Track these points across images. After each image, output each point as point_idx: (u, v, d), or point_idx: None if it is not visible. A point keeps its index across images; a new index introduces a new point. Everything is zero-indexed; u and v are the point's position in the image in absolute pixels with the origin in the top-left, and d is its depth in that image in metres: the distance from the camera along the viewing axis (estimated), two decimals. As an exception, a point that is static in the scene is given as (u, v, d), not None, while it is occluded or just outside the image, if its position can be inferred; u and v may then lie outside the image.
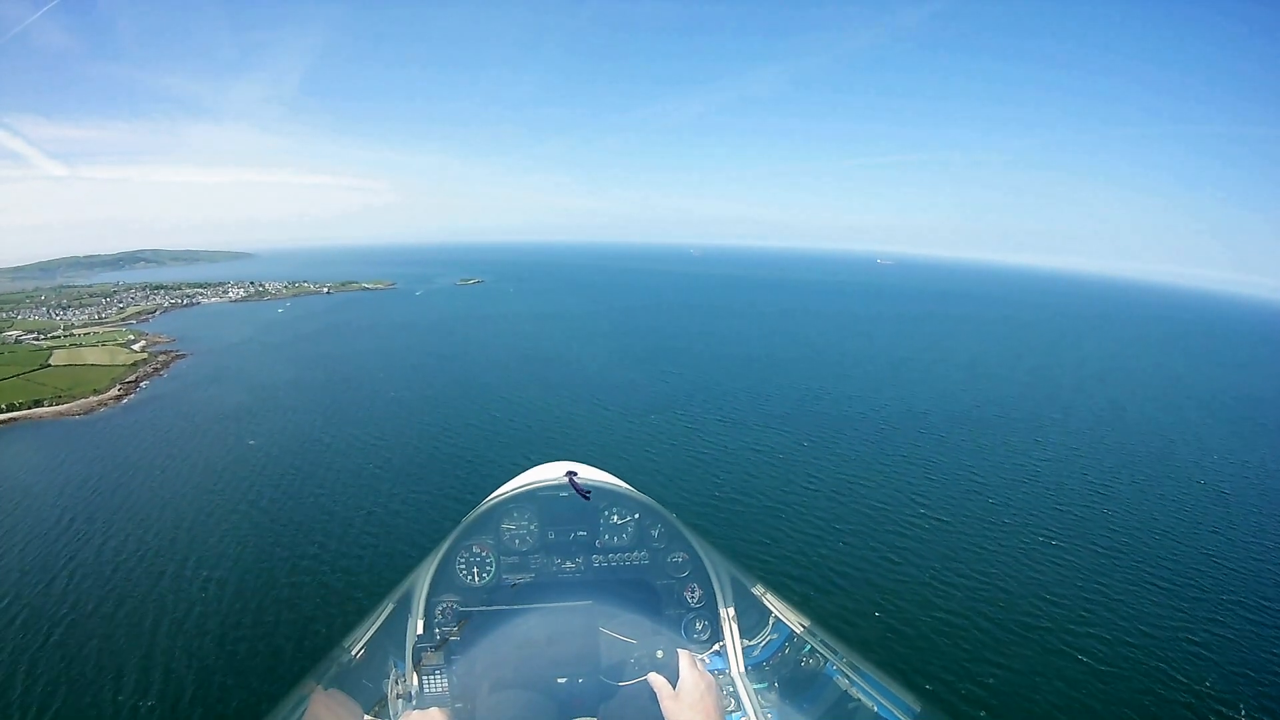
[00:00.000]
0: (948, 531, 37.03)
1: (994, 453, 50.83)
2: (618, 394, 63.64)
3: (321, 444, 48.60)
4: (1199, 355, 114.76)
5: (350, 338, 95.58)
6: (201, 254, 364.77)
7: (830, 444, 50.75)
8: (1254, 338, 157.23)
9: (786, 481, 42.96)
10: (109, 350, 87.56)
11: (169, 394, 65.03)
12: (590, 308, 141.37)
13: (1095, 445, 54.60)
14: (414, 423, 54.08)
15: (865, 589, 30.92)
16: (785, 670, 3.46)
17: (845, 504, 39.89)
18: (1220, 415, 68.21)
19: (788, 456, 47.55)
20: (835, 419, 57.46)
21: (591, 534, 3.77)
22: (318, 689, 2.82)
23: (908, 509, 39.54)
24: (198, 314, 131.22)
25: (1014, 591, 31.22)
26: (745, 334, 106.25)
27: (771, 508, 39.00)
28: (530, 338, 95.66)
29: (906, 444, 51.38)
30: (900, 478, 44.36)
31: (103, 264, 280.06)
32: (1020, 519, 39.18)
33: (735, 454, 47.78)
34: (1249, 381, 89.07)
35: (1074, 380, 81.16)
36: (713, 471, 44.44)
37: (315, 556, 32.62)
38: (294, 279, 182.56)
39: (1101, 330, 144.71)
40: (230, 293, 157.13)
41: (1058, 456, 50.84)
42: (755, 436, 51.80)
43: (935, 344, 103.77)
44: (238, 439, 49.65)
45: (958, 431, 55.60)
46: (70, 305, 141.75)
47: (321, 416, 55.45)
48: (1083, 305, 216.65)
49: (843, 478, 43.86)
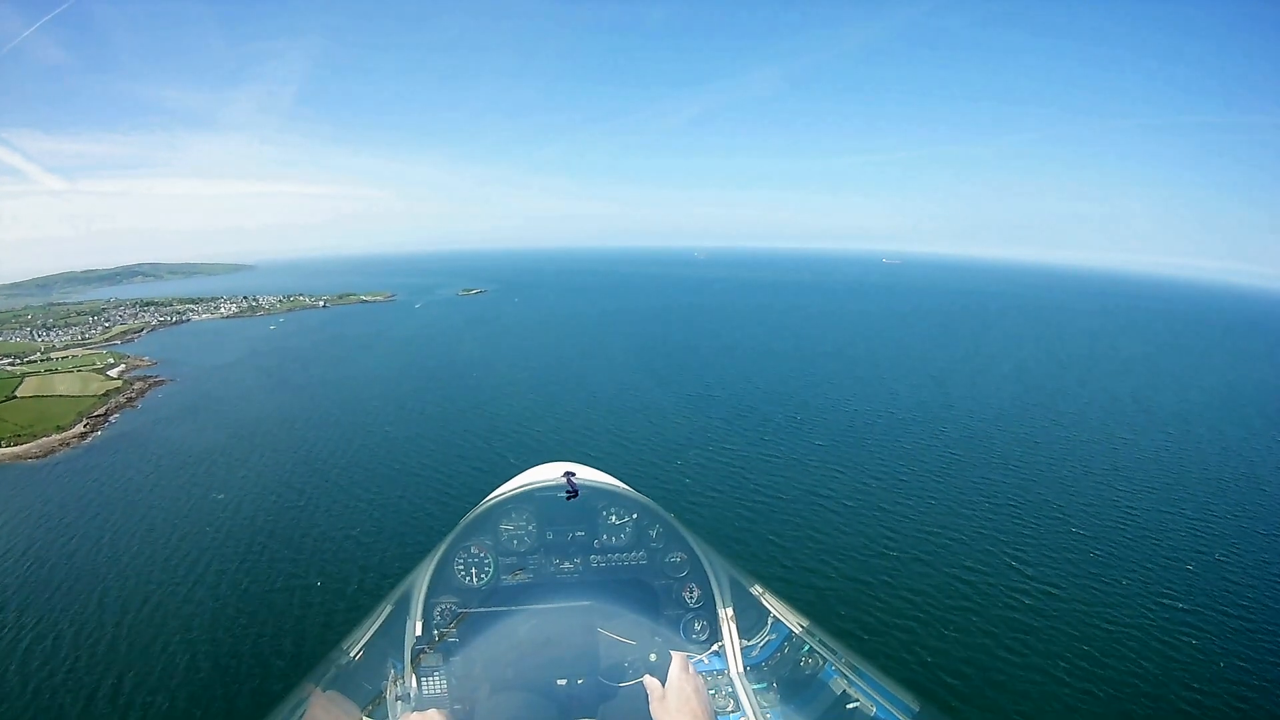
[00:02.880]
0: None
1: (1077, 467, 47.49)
2: (650, 426, 56.31)
3: (300, 498, 41.41)
4: (1252, 357, 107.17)
5: (343, 359, 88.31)
6: (200, 267, 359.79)
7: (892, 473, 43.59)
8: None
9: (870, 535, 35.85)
10: (82, 378, 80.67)
11: (137, 431, 57.99)
12: (599, 318, 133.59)
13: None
14: (409, 466, 46.85)
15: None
16: (784, 670, 3.41)
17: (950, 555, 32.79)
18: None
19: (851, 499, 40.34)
20: (884, 442, 50.29)
21: (590, 534, 3.70)
22: (316, 690, 2.75)
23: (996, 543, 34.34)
24: (186, 333, 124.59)
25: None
26: (774, 346, 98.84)
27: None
28: (540, 357, 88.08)
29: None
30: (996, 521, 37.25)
31: (100, 279, 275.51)
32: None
33: (804, 506, 40.55)
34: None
35: (1118, 390, 74.22)
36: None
37: (283, 674, 25.35)
38: (290, 292, 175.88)
39: (1133, 331, 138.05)
40: (222, 308, 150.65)
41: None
42: (814, 480, 44.51)
43: (971, 351, 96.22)
44: (205, 491, 42.51)
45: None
46: (56, 325, 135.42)
47: (303, 461, 48.23)
48: (1101, 302, 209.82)
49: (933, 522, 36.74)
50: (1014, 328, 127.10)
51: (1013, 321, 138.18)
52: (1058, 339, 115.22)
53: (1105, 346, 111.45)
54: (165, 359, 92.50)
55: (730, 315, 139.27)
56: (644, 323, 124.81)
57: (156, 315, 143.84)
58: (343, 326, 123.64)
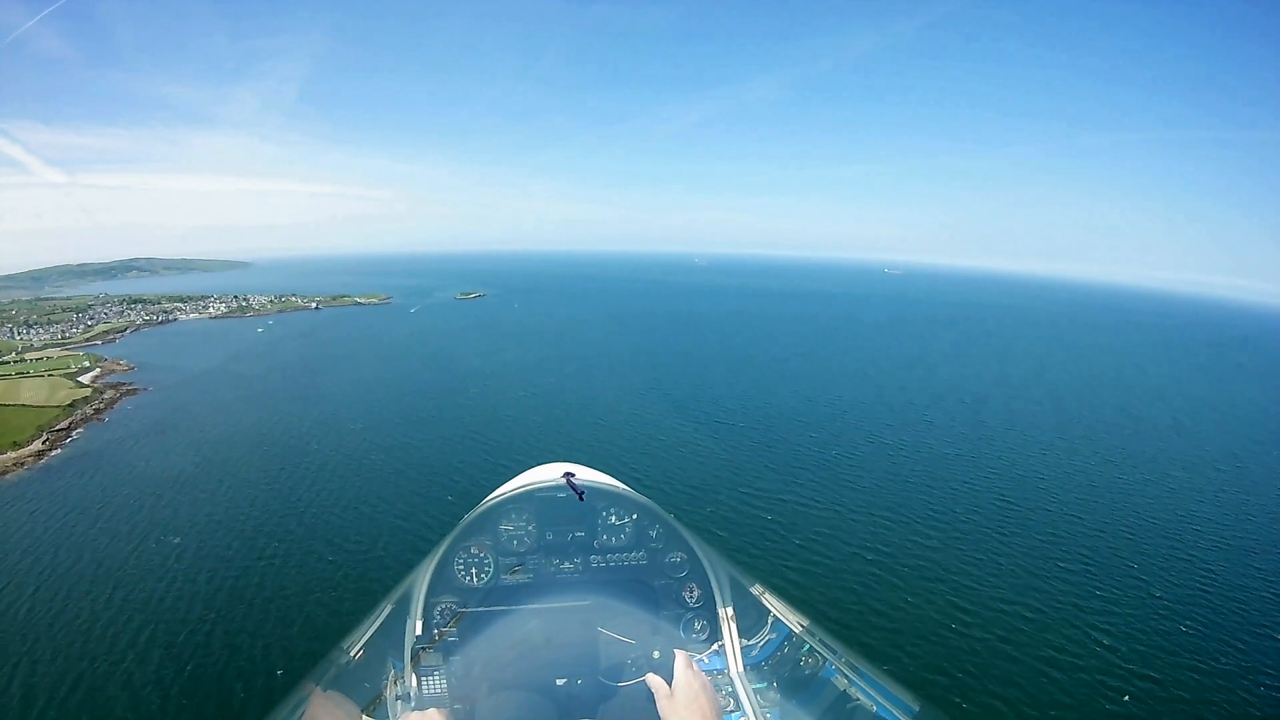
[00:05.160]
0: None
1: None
2: (666, 457, 51.27)
3: (267, 539, 36.17)
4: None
5: (331, 368, 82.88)
6: (196, 263, 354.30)
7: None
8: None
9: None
10: (51, 384, 75.35)
11: (100, 451, 52.64)
12: (603, 326, 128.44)
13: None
14: (391, 507, 41.69)
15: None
16: (784, 670, 3.40)
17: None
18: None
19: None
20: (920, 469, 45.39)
21: (589, 534, 3.65)
22: (316, 690, 2.72)
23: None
24: (171, 333, 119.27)
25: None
26: (786, 360, 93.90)
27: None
28: (542, 371, 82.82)
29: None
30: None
31: (95, 273, 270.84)
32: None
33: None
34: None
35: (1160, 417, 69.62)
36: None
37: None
38: (283, 292, 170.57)
39: (1153, 350, 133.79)
40: (211, 308, 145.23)
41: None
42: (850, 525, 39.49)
43: (1000, 375, 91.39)
44: (160, 533, 37.14)
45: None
46: (38, 322, 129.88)
47: (277, 491, 43.00)
48: (1113, 319, 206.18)
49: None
50: (1036, 348, 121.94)
51: (1033, 341, 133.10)
52: (1083, 360, 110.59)
53: (1132, 368, 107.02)
54: (144, 363, 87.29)
55: (741, 326, 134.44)
56: (652, 334, 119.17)
57: (143, 314, 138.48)
58: (334, 330, 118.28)
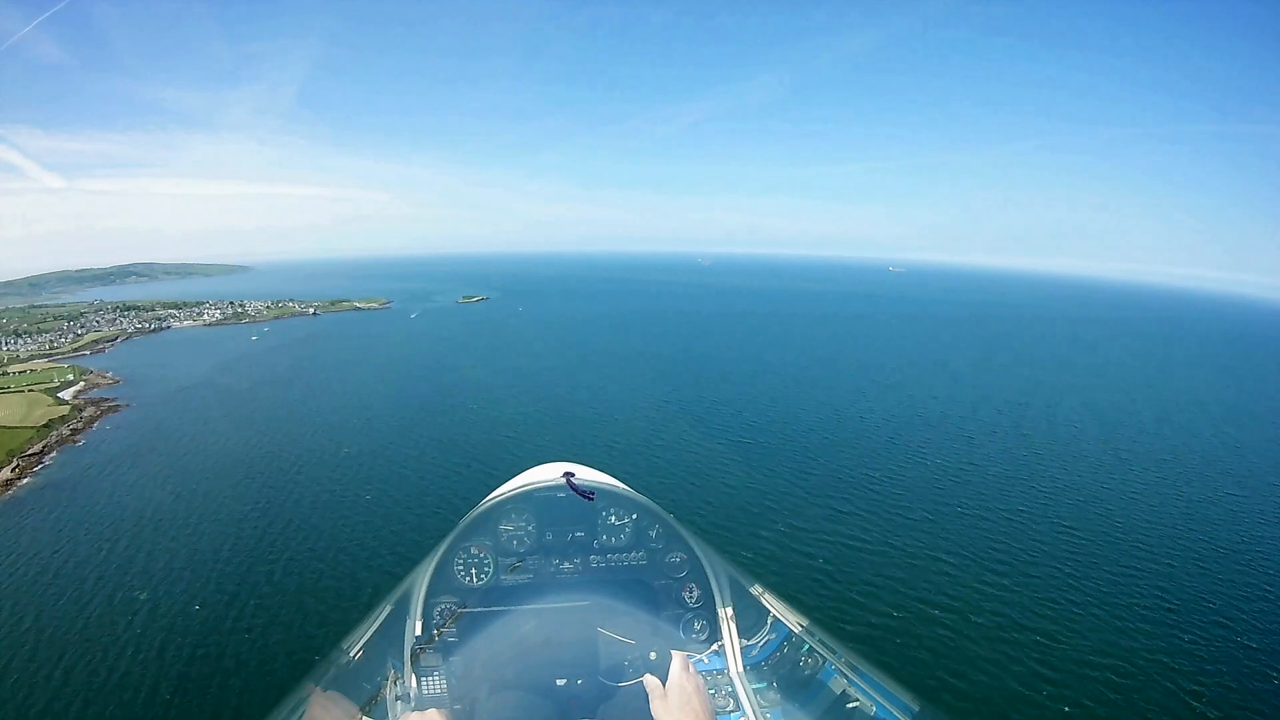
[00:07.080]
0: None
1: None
2: (691, 483, 47.18)
3: (248, 595, 32.16)
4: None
5: (326, 379, 78.90)
6: (195, 267, 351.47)
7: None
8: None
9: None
10: (30, 400, 71.52)
11: (73, 480, 48.63)
12: (612, 332, 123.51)
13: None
14: (382, 535, 37.67)
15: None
16: (784, 670, 3.39)
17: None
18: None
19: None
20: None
21: (589, 534, 3.64)
22: (316, 690, 2.72)
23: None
24: (162, 342, 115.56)
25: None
26: (807, 367, 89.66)
27: None
28: (551, 383, 78.49)
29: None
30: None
31: (93, 278, 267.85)
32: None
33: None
34: None
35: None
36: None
37: None
38: (280, 297, 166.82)
39: (1172, 347, 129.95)
40: (205, 315, 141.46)
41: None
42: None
43: (1032, 379, 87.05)
44: (125, 585, 32.99)
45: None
46: (28, 331, 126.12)
47: (260, 528, 38.90)
48: (1123, 314, 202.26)
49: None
50: (1060, 350, 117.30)
51: (1055, 343, 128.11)
52: (1110, 363, 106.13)
53: (1157, 371, 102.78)
54: (130, 375, 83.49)
55: (755, 329, 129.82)
56: (664, 339, 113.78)
57: (135, 322, 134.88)
58: (331, 337, 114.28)
